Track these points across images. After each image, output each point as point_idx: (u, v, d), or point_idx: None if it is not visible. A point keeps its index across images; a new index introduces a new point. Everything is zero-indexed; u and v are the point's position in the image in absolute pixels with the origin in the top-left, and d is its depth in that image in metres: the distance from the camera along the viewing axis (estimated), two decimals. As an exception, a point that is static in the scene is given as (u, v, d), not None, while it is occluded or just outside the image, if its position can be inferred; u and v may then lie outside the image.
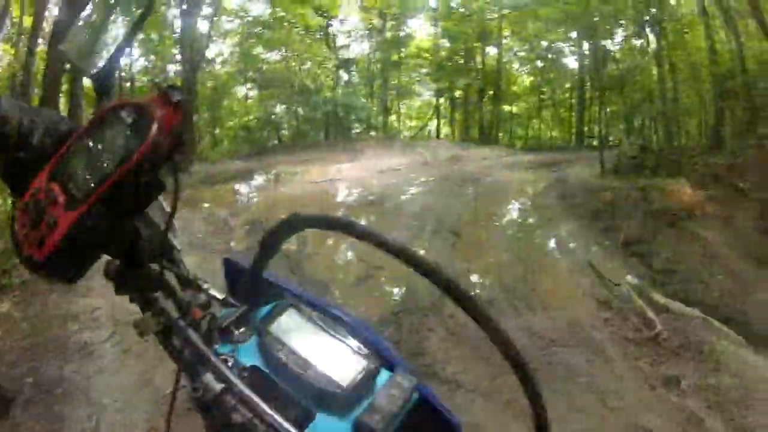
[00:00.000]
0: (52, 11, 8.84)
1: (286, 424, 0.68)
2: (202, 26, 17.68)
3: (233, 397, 0.71)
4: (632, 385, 5.16)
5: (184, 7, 14.03)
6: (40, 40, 9.38)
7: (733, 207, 9.60)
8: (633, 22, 17.26)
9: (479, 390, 4.92)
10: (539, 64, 23.44)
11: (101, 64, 0.89)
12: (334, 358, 0.79)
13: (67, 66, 7.21)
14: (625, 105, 18.17)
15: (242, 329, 0.84)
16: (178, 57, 17.37)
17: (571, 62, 22.81)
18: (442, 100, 25.28)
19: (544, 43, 22.51)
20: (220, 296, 0.85)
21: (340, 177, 14.27)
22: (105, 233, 0.72)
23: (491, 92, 23.26)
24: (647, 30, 16.35)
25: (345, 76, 23.75)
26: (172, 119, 0.69)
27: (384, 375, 0.80)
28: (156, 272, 0.81)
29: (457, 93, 24.22)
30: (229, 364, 0.77)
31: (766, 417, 4.66)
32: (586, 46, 20.14)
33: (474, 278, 7.86)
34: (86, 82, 8.58)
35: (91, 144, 0.73)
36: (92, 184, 0.70)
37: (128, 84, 17.75)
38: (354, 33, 23.70)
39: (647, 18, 15.61)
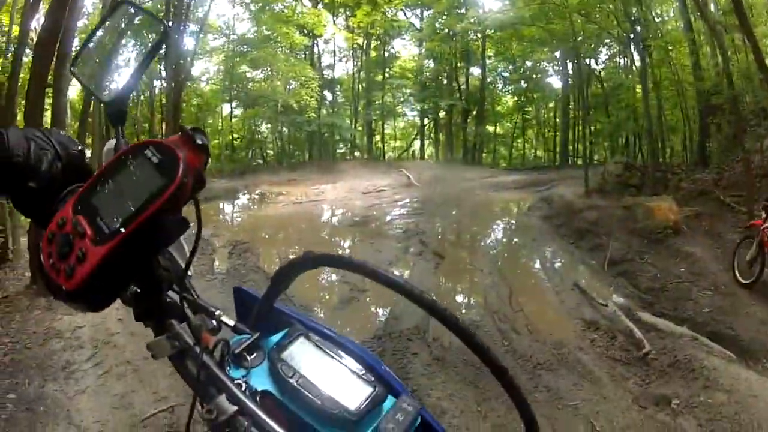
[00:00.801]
0: (41, 21, 8.57)
1: None
2: (188, 43, 17.73)
3: (246, 419, 0.72)
4: (622, 406, 5.03)
5: (170, 23, 13.96)
6: (27, 50, 9.18)
7: (721, 222, 9.63)
8: (618, 41, 17.40)
9: (465, 415, 4.80)
10: (523, 84, 23.65)
11: (115, 91, 0.91)
12: (342, 384, 0.82)
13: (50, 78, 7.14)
14: (610, 123, 18.28)
15: (254, 355, 0.86)
16: (164, 73, 17.36)
17: (555, 82, 23.11)
18: (426, 121, 25.36)
19: (528, 63, 22.77)
20: (231, 323, 0.87)
21: (324, 197, 14.41)
22: (132, 267, 0.75)
23: (475, 112, 23.41)
24: (632, 48, 16.42)
25: (329, 96, 23.77)
26: (195, 161, 0.73)
27: (389, 401, 0.83)
28: (174, 300, 0.83)
29: (441, 113, 24.37)
30: (242, 388, 0.78)
31: (761, 432, 4.57)
32: (570, 65, 20.32)
33: (459, 299, 7.80)
34: (71, 94, 8.48)
35: (116, 180, 0.74)
36: (120, 221, 0.71)
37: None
38: (339, 53, 23.87)
39: (632, 36, 15.65)
